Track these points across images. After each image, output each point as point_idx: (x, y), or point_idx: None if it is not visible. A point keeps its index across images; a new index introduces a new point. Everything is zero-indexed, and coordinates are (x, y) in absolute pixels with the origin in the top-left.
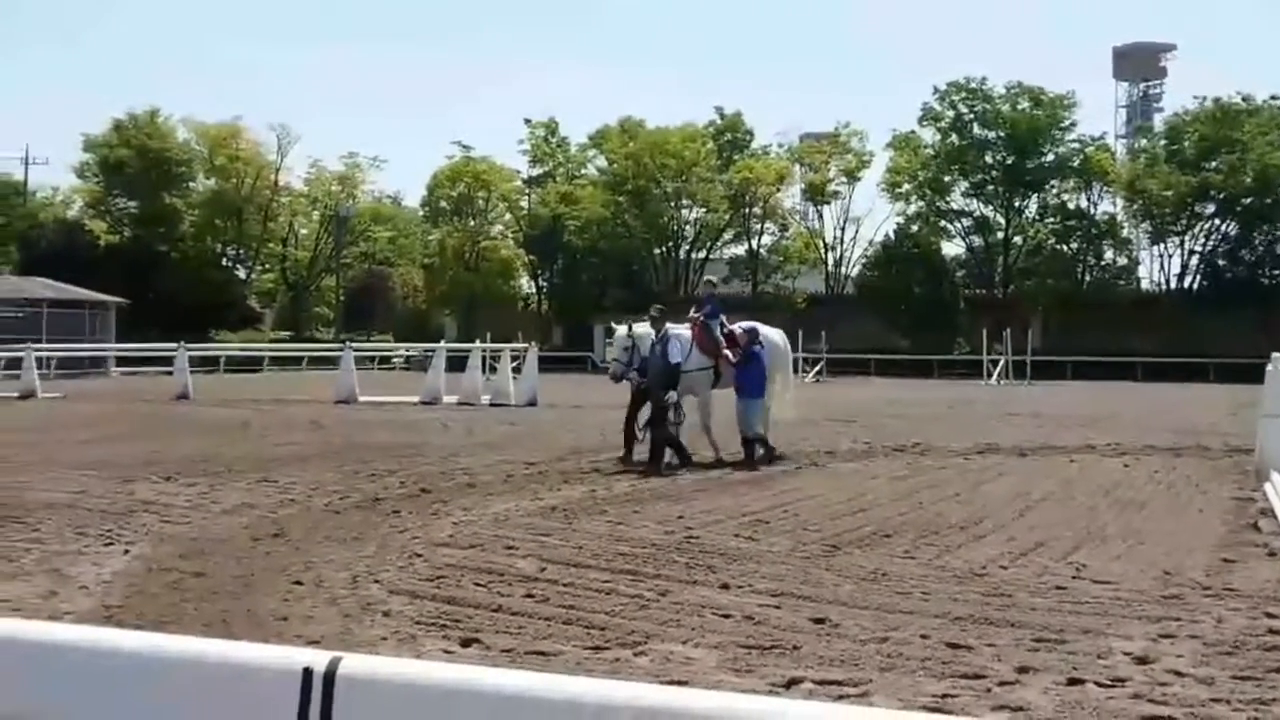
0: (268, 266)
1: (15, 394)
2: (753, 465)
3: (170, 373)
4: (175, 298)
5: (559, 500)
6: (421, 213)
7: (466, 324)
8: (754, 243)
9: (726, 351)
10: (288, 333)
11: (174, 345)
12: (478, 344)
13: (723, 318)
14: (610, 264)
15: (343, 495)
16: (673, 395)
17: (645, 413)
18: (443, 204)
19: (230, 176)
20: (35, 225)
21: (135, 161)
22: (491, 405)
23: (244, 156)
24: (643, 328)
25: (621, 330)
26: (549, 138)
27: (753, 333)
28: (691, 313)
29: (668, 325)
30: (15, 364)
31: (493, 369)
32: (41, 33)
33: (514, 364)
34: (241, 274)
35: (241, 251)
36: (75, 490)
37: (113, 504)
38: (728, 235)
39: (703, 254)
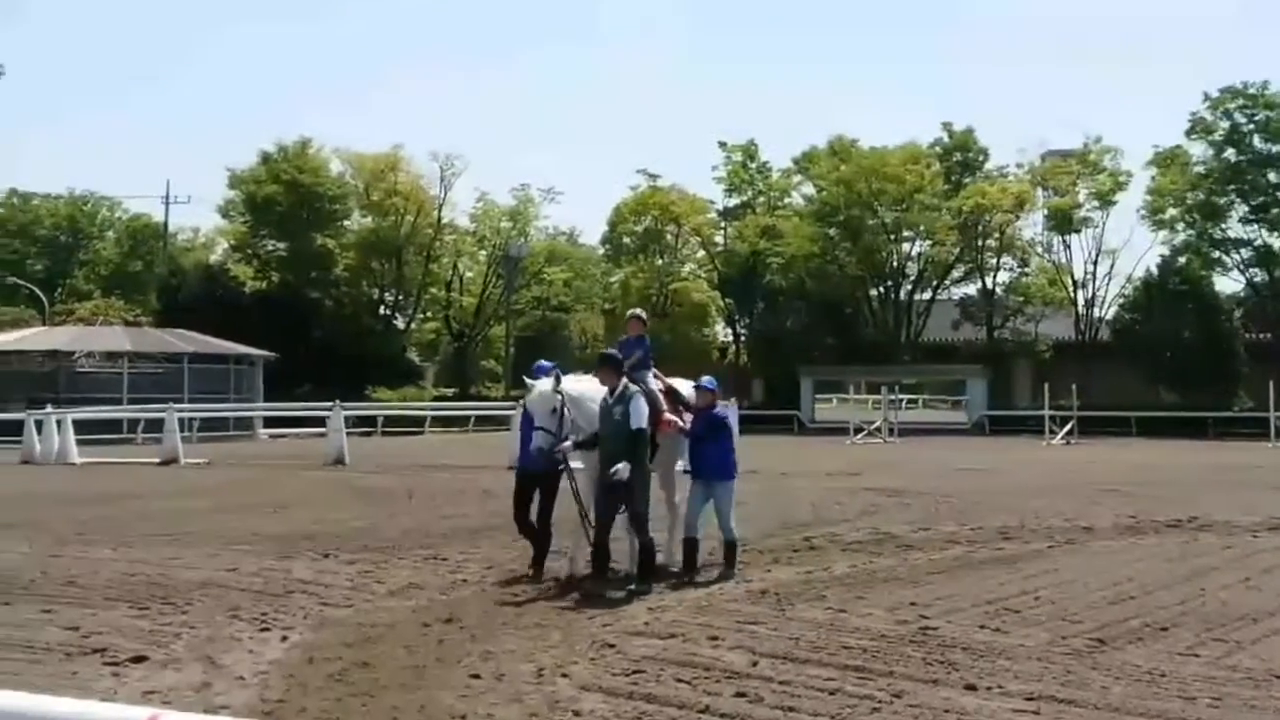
0: (429, 314)
1: (157, 459)
2: (729, 571)
3: (324, 434)
4: (328, 350)
5: (768, 583)
6: (602, 251)
7: None
8: (988, 280)
9: (671, 418)
10: (451, 389)
11: (328, 405)
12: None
13: (654, 369)
14: (819, 307)
15: (521, 575)
16: (619, 466)
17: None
18: (626, 240)
19: (388, 213)
20: (176, 271)
21: (284, 198)
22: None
23: (403, 190)
24: (579, 384)
25: (541, 386)
26: (747, 162)
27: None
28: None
29: (638, 376)
30: (156, 426)
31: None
32: (184, 63)
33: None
34: (400, 323)
35: (400, 297)
36: (226, 568)
37: (267, 584)
38: (957, 272)
39: (927, 294)
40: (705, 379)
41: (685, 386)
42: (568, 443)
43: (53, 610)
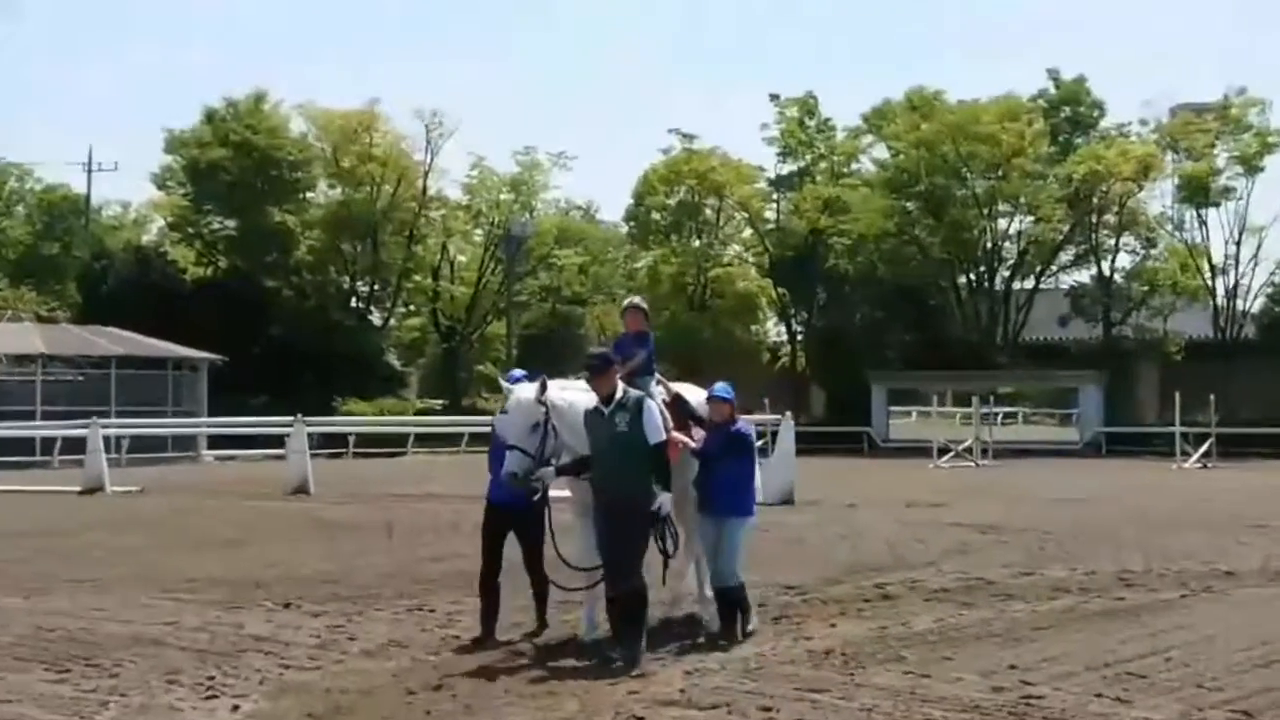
0: (412, 308)
1: (78, 487)
2: (733, 634)
3: (282, 457)
4: (288, 352)
5: (834, 641)
6: (625, 229)
7: None
8: (1105, 265)
9: (680, 437)
10: (440, 401)
11: (288, 420)
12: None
13: (658, 374)
14: (893, 298)
15: (525, 629)
16: (664, 502)
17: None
18: (655, 217)
19: (362, 183)
20: (101, 254)
21: (233, 164)
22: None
23: (380, 155)
24: (566, 392)
25: (521, 394)
26: (805, 120)
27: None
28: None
29: (639, 384)
30: (77, 446)
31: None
32: (113, 11)
33: (760, 444)
34: (377, 319)
35: (377, 287)
36: (163, 621)
37: (214, 640)
38: (1066, 255)
39: (1028, 283)
40: (719, 386)
41: (695, 395)
42: (548, 469)
43: None
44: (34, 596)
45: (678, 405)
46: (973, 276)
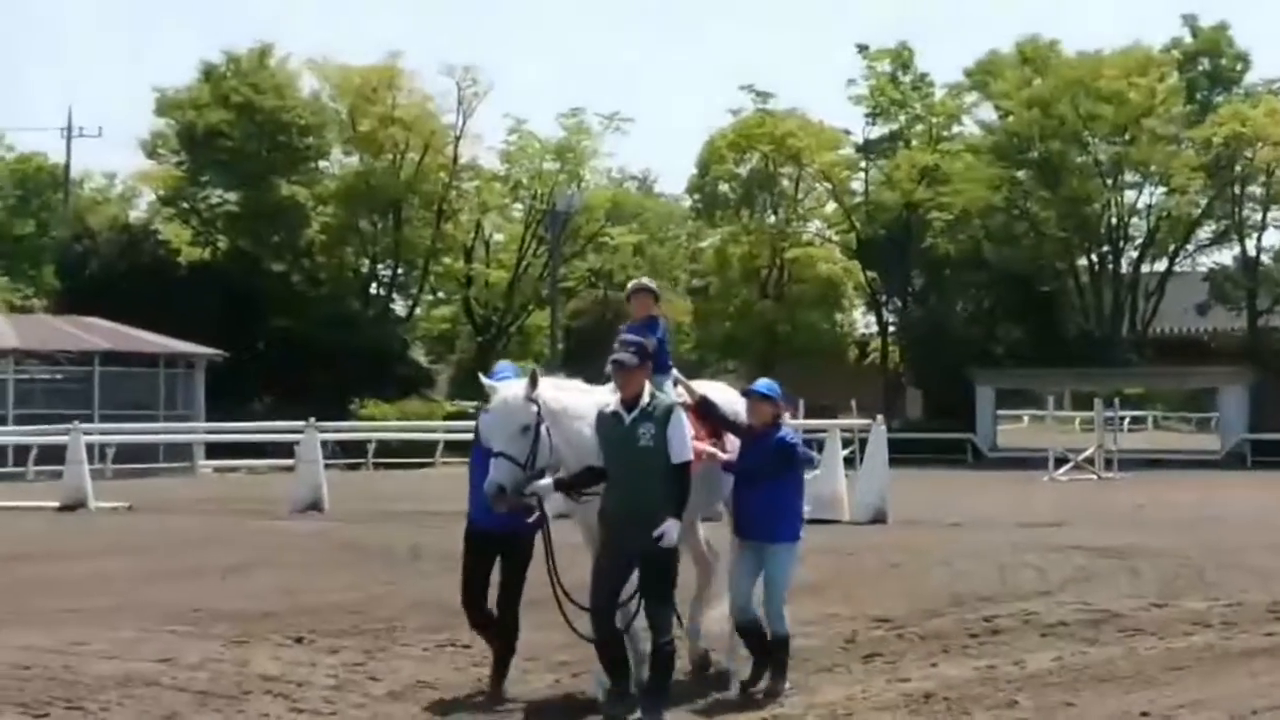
0: (442, 295)
1: (56, 503)
2: (778, 684)
3: (292, 468)
4: (298, 347)
5: (935, 683)
6: (688, 204)
7: None
8: (1250, 244)
9: (704, 446)
10: (473, 403)
11: (298, 425)
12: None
13: (675, 371)
14: (1002, 283)
15: (573, 667)
16: (667, 530)
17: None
18: (723, 189)
19: (383, 150)
20: (82, 234)
21: (235, 129)
22: (811, 521)
23: (404, 118)
24: (562, 392)
25: (507, 390)
26: (898, 75)
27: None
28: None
29: (659, 382)
30: (55, 455)
31: (811, 461)
32: None
33: (847, 452)
34: (400, 308)
35: (401, 271)
36: (157, 657)
37: (215, 681)
38: (1205, 232)
39: (1160, 265)
40: (762, 382)
41: (723, 397)
42: (545, 480)
43: None
44: (6, 629)
45: (703, 410)
46: (1094, 258)
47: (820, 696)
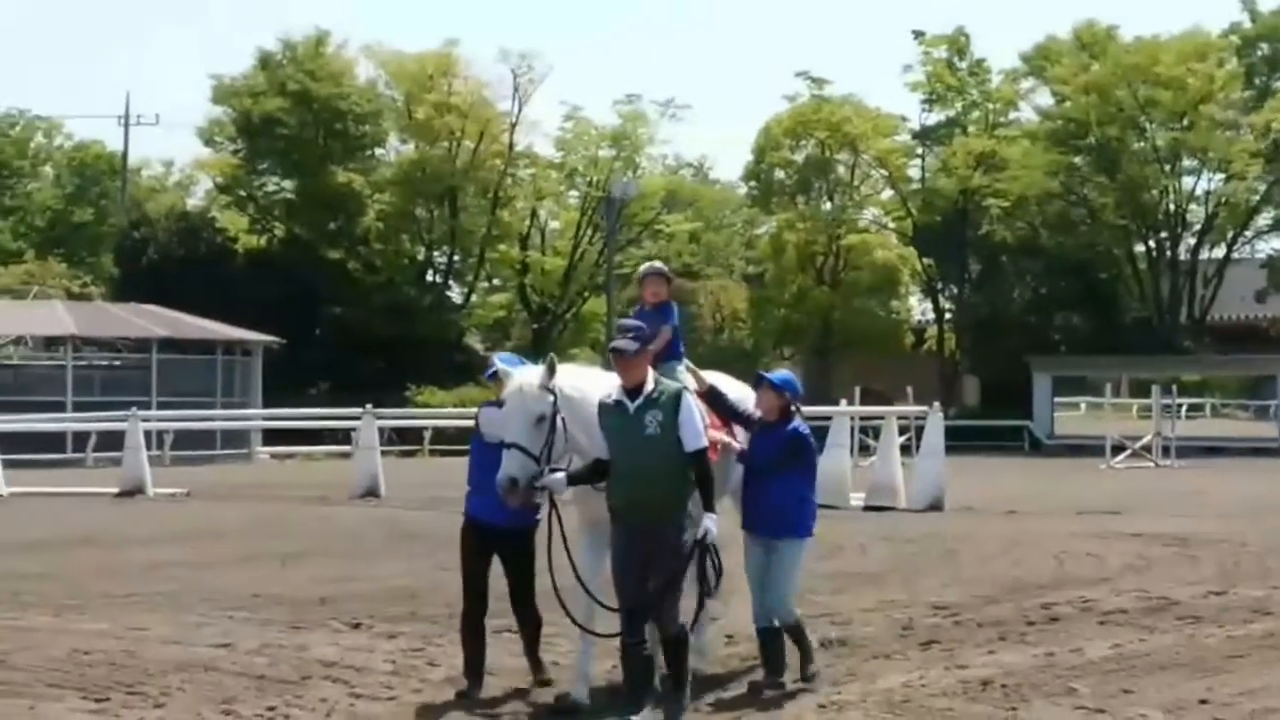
0: (497, 282)
1: (115, 489)
2: (808, 675)
3: (349, 454)
4: (354, 334)
5: (993, 670)
6: (744, 190)
7: (819, 371)
8: None
9: (720, 436)
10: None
11: (355, 412)
12: (841, 406)
13: (686, 360)
14: (1059, 271)
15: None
16: (709, 527)
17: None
18: (779, 175)
19: (439, 138)
20: (140, 221)
21: (292, 117)
22: (867, 509)
23: (460, 105)
24: (582, 379)
25: (523, 379)
26: (955, 61)
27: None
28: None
29: (665, 370)
30: (113, 441)
31: (866, 449)
32: None
33: (903, 440)
34: (456, 295)
35: (457, 258)
36: (216, 643)
37: (274, 665)
38: (1264, 218)
39: (1218, 252)
40: (777, 373)
41: (729, 386)
42: (558, 474)
43: None
44: (68, 614)
45: (710, 399)
46: (1152, 245)
47: (878, 683)
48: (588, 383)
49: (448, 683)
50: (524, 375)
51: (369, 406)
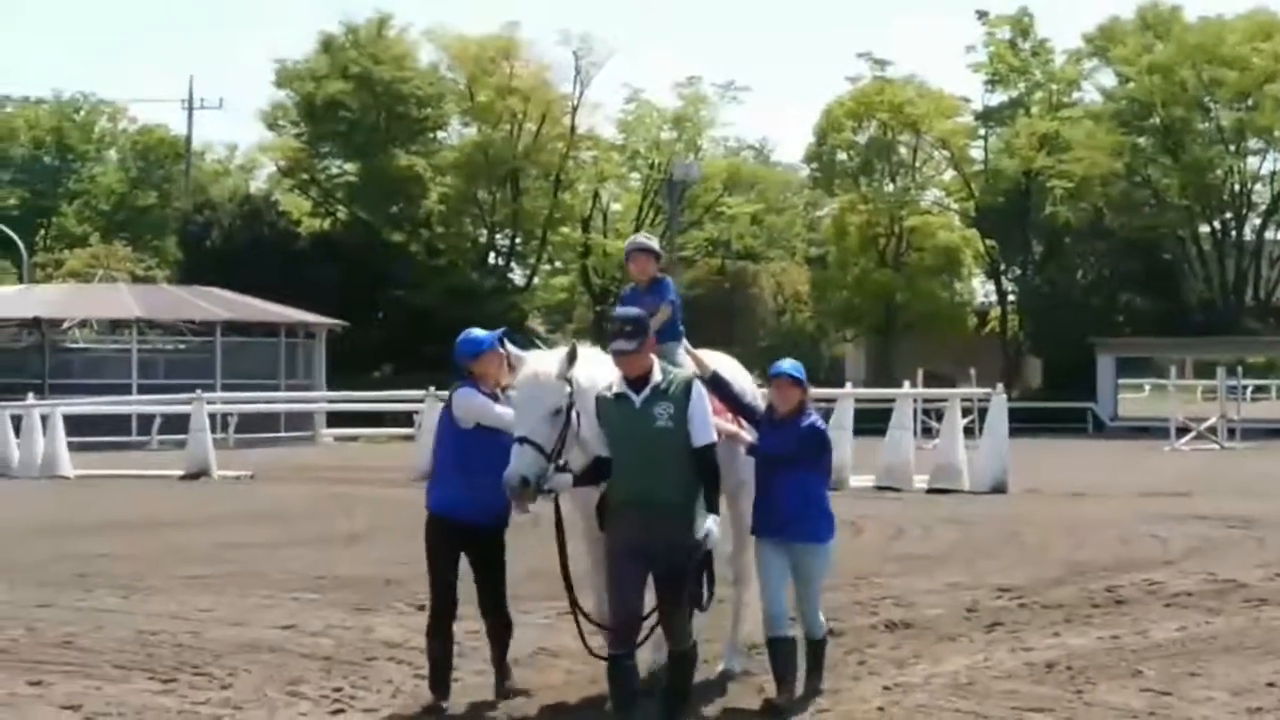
0: (559, 264)
1: (180, 471)
2: (815, 681)
3: (412, 437)
4: (417, 317)
5: (1058, 652)
6: (805, 173)
7: (881, 354)
8: None
9: (727, 426)
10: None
11: (418, 394)
12: (905, 388)
13: (685, 342)
14: (1123, 252)
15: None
16: (710, 529)
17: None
18: (841, 158)
19: (500, 121)
20: (203, 205)
21: (354, 101)
22: (931, 491)
23: (522, 88)
24: (595, 366)
25: (540, 366)
26: (1018, 41)
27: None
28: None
29: (670, 351)
30: (178, 424)
31: (930, 431)
32: None
33: (966, 422)
34: (519, 277)
35: (519, 241)
36: (281, 624)
37: (340, 647)
38: None
39: None
40: (786, 363)
41: (727, 366)
42: (565, 475)
43: (43, 682)
44: (134, 596)
45: (713, 386)
46: (1217, 226)
47: (943, 666)
48: (601, 370)
49: (511, 664)
50: (540, 362)
51: (431, 389)
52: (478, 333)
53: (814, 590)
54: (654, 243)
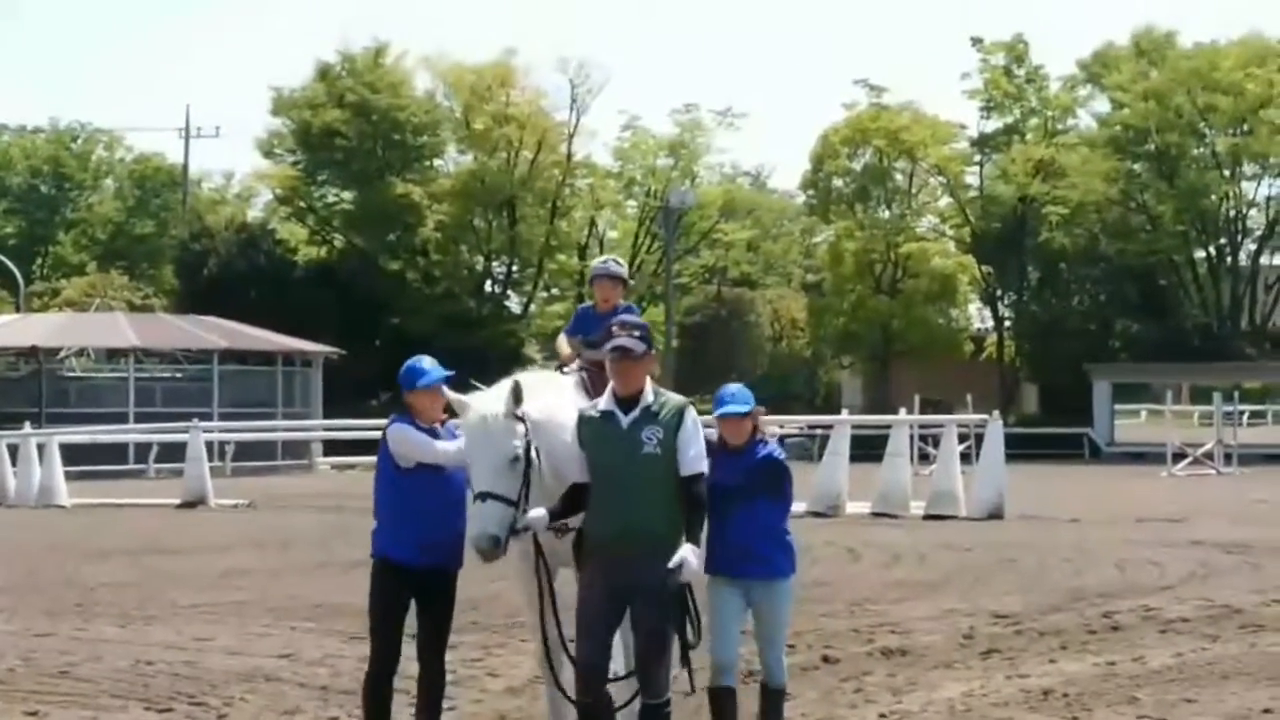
0: (556, 291)
1: (177, 500)
2: None
3: None
4: (413, 345)
5: (1055, 680)
6: (801, 199)
7: (878, 380)
8: None
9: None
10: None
11: None
12: (901, 415)
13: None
14: (1118, 278)
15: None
16: (687, 559)
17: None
18: (837, 184)
19: (497, 148)
20: (200, 233)
21: (350, 128)
22: (927, 517)
23: (518, 115)
24: (541, 394)
25: (486, 407)
26: (1013, 68)
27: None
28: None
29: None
30: (175, 452)
31: (926, 457)
32: None
33: (963, 448)
34: (515, 304)
35: (516, 268)
36: (279, 653)
37: (336, 675)
38: None
39: (1279, 258)
40: (730, 389)
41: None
42: (537, 511)
43: (39, 713)
44: (131, 625)
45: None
46: (1212, 251)
47: (939, 693)
48: (547, 399)
49: (508, 693)
50: (484, 404)
51: None
52: (426, 363)
53: (775, 633)
54: (623, 269)
